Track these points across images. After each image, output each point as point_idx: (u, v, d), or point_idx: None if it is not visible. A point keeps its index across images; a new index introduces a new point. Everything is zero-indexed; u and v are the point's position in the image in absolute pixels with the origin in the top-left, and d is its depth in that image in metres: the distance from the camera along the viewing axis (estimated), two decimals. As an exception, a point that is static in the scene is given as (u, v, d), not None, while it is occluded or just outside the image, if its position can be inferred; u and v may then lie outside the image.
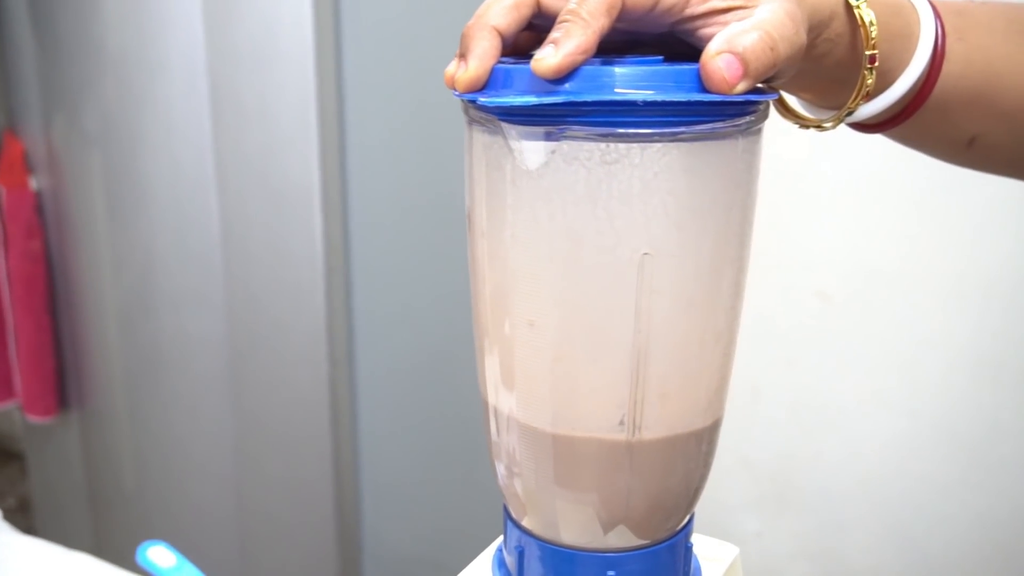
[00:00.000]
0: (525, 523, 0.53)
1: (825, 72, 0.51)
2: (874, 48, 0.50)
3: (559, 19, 0.43)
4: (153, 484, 1.75)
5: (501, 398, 0.50)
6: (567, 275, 0.46)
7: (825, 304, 1.37)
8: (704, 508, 1.62)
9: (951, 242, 1.28)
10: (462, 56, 0.46)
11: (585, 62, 0.43)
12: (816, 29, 0.48)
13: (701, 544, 0.60)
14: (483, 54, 0.45)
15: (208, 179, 1.51)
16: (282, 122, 1.43)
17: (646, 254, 0.45)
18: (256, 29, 1.41)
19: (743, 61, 0.43)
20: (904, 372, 1.35)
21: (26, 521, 2.23)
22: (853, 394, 1.38)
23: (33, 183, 1.72)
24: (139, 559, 0.81)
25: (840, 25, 0.49)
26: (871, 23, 0.49)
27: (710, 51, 0.43)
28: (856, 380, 1.38)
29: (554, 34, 0.43)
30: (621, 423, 0.48)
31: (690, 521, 0.54)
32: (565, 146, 0.44)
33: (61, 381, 1.82)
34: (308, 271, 1.48)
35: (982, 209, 1.25)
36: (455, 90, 0.46)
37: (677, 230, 0.45)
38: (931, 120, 0.54)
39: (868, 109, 0.53)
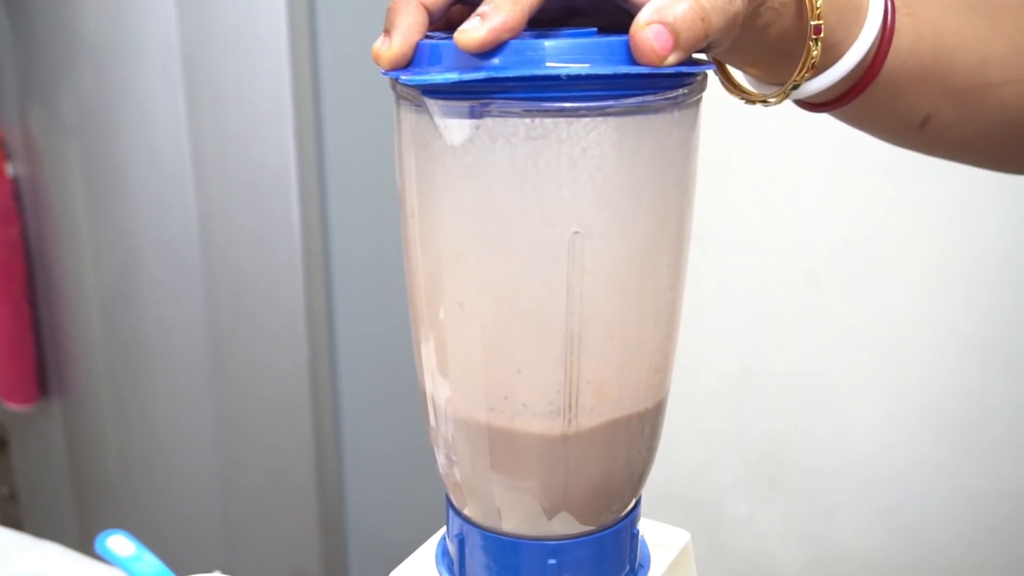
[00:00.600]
0: (466, 512, 0.52)
1: (770, 44, 0.49)
2: (819, 19, 0.48)
3: None
4: (136, 471, 1.75)
5: (437, 385, 0.49)
6: (496, 256, 0.44)
7: (813, 285, 1.35)
8: (694, 490, 1.61)
9: (938, 222, 1.27)
10: (387, 32, 0.44)
11: (514, 37, 0.41)
12: None
13: (651, 530, 0.58)
14: (407, 29, 0.44)
15: (185, 166, 1.50)
16: (257, 108, 1.43)
17: (576, 233, 0.43)
18: (231, 15, 1.41)
19: (673, 32, 0.41)
20: (893, 353, 1.34)
21: (16, 509, 2.23)
22: (842, 375, 1.37)
23: (10, 169, 1.71)
24: (98, 548, 0.80)
25: None
26: None
27: (639, 21, 0.41)
28: (845, 361, 1.37)
29: (483, 7, 0.42)
30: (557, 408, 0.46)
31: (636, 506, 0.53)
32: (489, 122, 0.42)
33: (41, 369, 1.82)
34: (287, 257, 1.48)
35: (968, 188, 1.23)
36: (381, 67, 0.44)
37: (608, 208, 0.43)
38: (882, 98, 0.53)
39: (815, 84, 0.51)
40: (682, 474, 1.50)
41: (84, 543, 1.40)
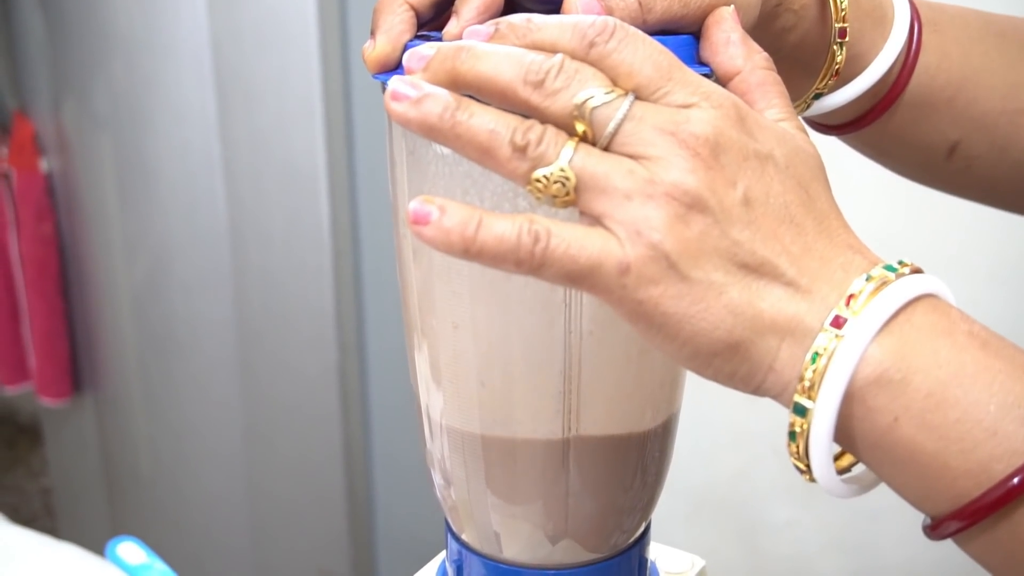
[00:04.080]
0: (465, 537, 0.49)
1: (787, 52, 0.46)
2: (844, 21, 0.45)
3: None
4: (166, 467, 1.75)
5: (432, 399, 0.46)
6: (490, 273, 0.41)
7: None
8: (732, 495, 1.57)
9: (953, 225, 1.23)
10: (372, 33, 0.42)
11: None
12: None
13: (663, 555, 0.55)
14: (391, 30, 0.41)
15: (214, 163, 1.49)
16: (287, 105, 1.41)
17: None
18: (261, 11, 1.39)
19: (606, 8, 0.38)
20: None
21: (52, 502, 2.25)
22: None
23: (44, 165, 1.71)
24: (108, 555, 0.78)
25: None
26: None
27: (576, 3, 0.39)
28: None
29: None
30: (556, 428, 0.44)
31: (646, 531, 0.50)
32: None
33: (75, 364, 1.82)
34: (315, 256, 1.46)
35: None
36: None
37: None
38: (906, 120, 0.50)
39: (837, 98, 0.48)
40: (720, 478, 1.47)
41: (116, 536, 1.40)
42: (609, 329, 0.42)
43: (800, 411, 0.34)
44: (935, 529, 0.35)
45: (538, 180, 0.34)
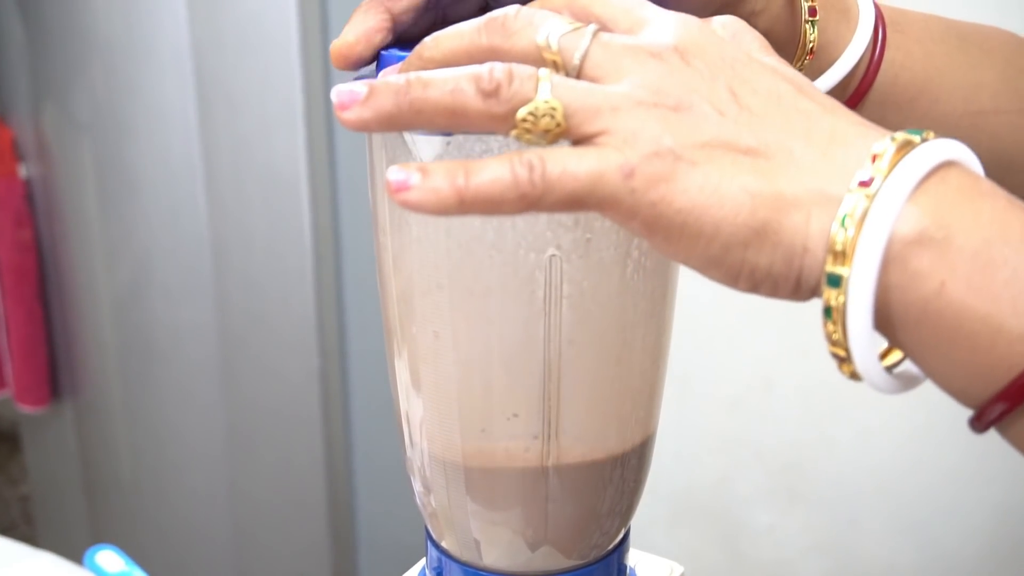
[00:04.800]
0: (444, 544, 0.49)
1: None
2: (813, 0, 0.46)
3: None
4: (147, 474, 1.74)
5: (412, 406, 0.46)
6: (470, 280, 0.42)
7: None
8: (715, 500, 1.58)
9: None
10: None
11: None
12: None
13: (642, 562, 0.55)
14: (360, 23, 0.41)
15: (195, 168, 1.49)
16: (269, 110, 1.41)
17: (553, 255, 0.41)
18: (242, 16, 1.39)
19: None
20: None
21: (30, 510, 2.23)
22: (867, 386, 1.34)
23: (23, 171, 1.70)
24: (87, 564, 0.78)
25: None
26: None
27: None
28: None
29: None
30: (536, 437, 0.44)
31: (625, 537, 0.50)
32: (460, 139, 0.39)
33: (53, 371, 1.81)
34: (297, 261, 1.46)
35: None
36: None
37: (586, 228, 0.41)
38: (872, 118, 0.50)
39: None
40: (702, 484, 1.47)
41: (96, 543, 1.39)
42: (589, 338, 0.42)
43: (834, 281, 0.31)
44: (981, 418, 0.33)
45: (524, 119, 0.32)
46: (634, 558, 0.53)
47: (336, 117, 0.34)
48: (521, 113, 0.32)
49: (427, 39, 0.36)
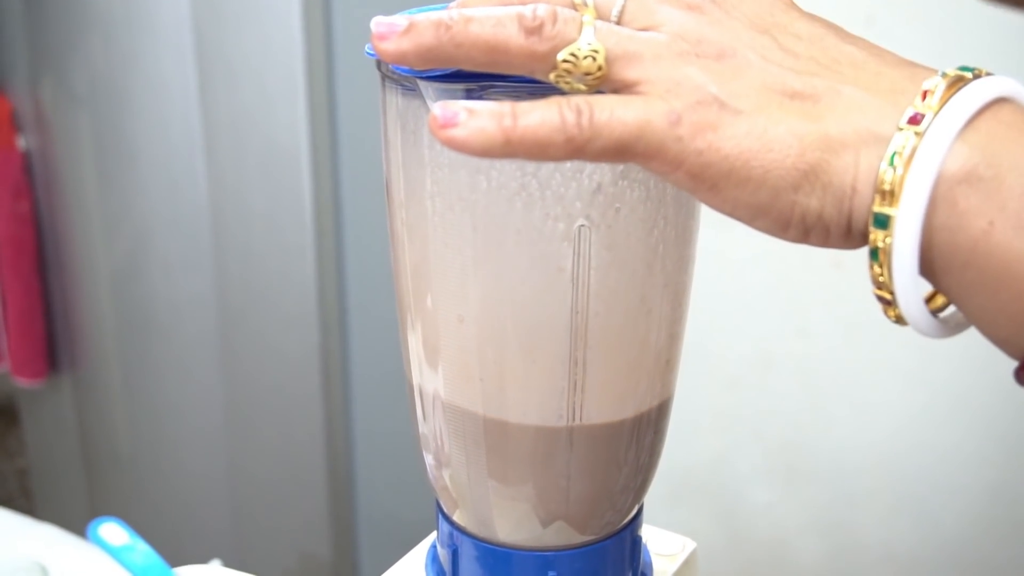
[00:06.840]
0: (456, 518, 0.49)
1: None
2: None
3: None
4: (145, 448, 1.74)
5: (426, 380, 0.46)
6: (495, 252, 0.41)
7: (838, 271, 1.32)
8: (713, 479, 1.58)
9: None
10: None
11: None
12: None
13: (654, 537, 0.55)
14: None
15: (195, 141, 1.48)
16: (269, 83, 1.40)
17: (583, 226, 0.40)
18: (243, -16, 1.37)
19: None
20: (920, 341, 1.29)
21: (28, 483, 2.23)
22: (867, 363, 1.34)
23: (21, 143, 1.68)
24: (90, 536, 0.77)
25: None
26: None
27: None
28: (870, 348, 1.33)
29: None
30: (558, 409, 0.43)
31: (639, 513, 0.50)
32: None
33: (51, 344, 1.80)
34: (297, 235, 1.45)
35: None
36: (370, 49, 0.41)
37: (615, 198, 0.40)
38: None
39: None
40: (701, 462, 1.47)
41: (94, 518, 1.38)
42: (615, 308, 0.42)
43: (881, 222, 0.31)
44: None
45: (565, 60, 0.32)
46: (646, 534, 0.53)
47: (374, 47, 0.33)
48: (562, 55, 0.32)
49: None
